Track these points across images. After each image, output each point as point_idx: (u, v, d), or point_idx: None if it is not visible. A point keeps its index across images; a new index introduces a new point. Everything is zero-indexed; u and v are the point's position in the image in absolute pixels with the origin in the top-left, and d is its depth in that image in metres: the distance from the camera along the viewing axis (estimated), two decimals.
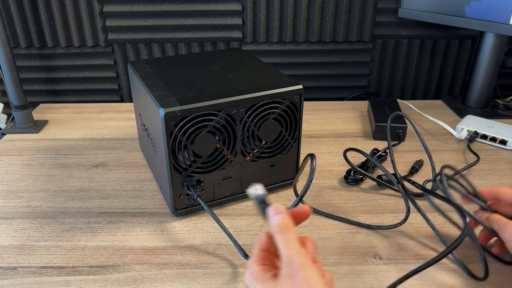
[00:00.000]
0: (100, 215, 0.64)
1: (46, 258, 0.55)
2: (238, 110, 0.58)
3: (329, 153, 0.80)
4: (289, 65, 1.08)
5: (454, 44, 1.06)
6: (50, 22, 1.01)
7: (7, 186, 0.71)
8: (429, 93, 1.13)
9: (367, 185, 0.70)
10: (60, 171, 0.75)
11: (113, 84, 1.09)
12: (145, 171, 0.75)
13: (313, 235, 0.59)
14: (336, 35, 1.04)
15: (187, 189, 0.60)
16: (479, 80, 0.96)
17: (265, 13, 1.00)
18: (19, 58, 1.05)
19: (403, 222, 0.59)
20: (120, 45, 1.04)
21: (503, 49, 0.93)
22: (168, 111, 0.54)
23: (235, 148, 0.61)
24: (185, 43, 1.04)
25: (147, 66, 0.70)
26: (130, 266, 0.54)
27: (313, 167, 0.50)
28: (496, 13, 0.83)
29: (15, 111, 0.89)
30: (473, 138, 0.83)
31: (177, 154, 0.57)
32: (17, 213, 0.64)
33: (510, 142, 0.81)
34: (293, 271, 0.33)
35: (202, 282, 0.52)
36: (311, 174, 0.50)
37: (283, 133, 0.64)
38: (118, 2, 0.99)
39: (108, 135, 0.88)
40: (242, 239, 0.58)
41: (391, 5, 1.01)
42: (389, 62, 1.08)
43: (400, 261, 0.54)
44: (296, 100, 0.62)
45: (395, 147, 0.82)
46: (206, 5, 1.00)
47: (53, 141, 0.86)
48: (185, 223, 0.62)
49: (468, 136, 0.84)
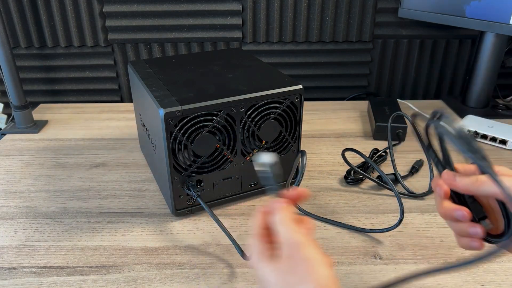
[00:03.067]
0: (100, 215, 0.64)
1: (46, 258, 0.55)
2: (238, 110, 0.58)
3: (329, 153, 0.80)
4: (289, 65, 1.08)
5: (454, 44, 1.06)
6: (50, 22, 1.01)
7: (7, 186, 0.71)
8: (429, 93, 1.13)
9: (367, 185, 0.70)
10: (60, 171, 0.75)
11: (113, 84, 1.09)
12: (145, 171, 0.75)
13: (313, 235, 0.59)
14: (336, 35, 1.04)
15: (187, 189, 0.60)
16: (479, 80, 0.96)
17: (265, 13, 1.00)
18: (19, 58, 1.05)
19: (397, 225, 0.58)
20: (120, 45, 1.04)
21: (503, 49, 0.93)
22: (168, 111, 0.54)
23: (235, 148, 0.61)
24: (185, 43, 1.04)
25: (147, 66, 0.70)
26: (130, 266, 0.54)
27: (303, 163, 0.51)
28: (496, 13, 0.83)
29: (15, 111, 0.89)
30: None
31: (177, 154, 0.57)
32: (17, 213, 0.64)
33: (510, 142, 0.81)
34: (293, 251, 0.32)
35: (202, 282, 0.52)
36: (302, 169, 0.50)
37: (283, 133, 0.64)
38: (118, 2, 0.99)
39: (108, 135, 0.88)
40: (242, 239, 0.58)
41: (391, 5, 1.01)
42: (389, 62, 1.08)
43: (400, 261, 0.54)
44: (296, 100, 0.62)
45: (395, 147, 0.82)
46: (206, 5, 1.00)
47: (53, 141, 0.86)
48: (185, 223, 0.62)
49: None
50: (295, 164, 0.58)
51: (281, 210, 0.36)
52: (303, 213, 0.63)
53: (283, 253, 0.32)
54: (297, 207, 0.64)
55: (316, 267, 0.31)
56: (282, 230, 0.34)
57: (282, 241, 0.33)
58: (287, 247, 0.33)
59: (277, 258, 0.33)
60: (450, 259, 0.55)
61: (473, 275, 0.52)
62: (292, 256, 0.32)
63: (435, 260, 0.55)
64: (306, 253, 0.31)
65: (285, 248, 0.33)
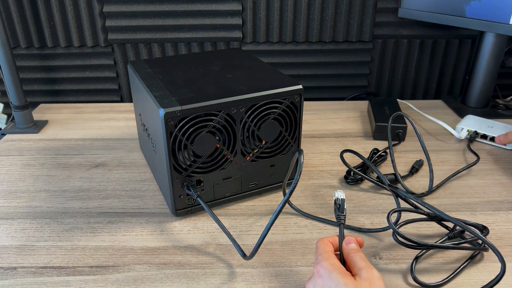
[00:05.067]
0: (100, 215, 0.64)
1: (46, 258, 0.55)
2: (238, 110, 0.58)
3: (329, 153, 0.80)
4: (289, 65, 1.08)
5: (454, 44, 1.06)
6: (50, 22, 1.01)
7: (7, 186, 0.71)
8: (429, 93, 1.13)
9: (367, 185, 0.70)
10: (60, 171, 0.75)
11: (113, 84, 1.09)
12: (145, 171, 0.75)
13: (313, 235, 0.59)
14: (336, 35, 1.04)
15: (187, 189, 0.60)
16: (479, 80, 0.96)
17: (265, 13, 1.00)
18: (19, 58, 1.05)
19: (394, 223, 0.58)
20: (120, 45, 1.04)
21: (503, 49, 0.93)
22: (168, 111, 0.54)
23: (235, 148, 0.61)
24: (185, 43, 1.04)
25: (147, 66, 0.70)
26: (130, 266, 0.54)
27: (300, 162, 0.51)
28: (496, 13, 0.83)
29: (15, 111, 0.89)
30: (473, 138, 0.83)
31: (177, 154, 0.57)
32: (17, 213, 0.64)
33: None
34: (374, 279, 0.42)
35: (202, 282, 0.52)
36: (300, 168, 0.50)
37: (283, 133, 0.64)
38: (118, 2, 0.99)
39: (108, 135, 0.88)
40: (242, 239, 0.58)
41: (391, 5, 1.01)
42: (389, 62, 1.08)
43: (400, 261, 0.54)
44: (296, 100, 0.62)
45: (395, 147, 0.82)
46: (206, 5, 1.00)
47: (53, 141, 0.86)
48: (185, 223, 0.62)
49: (468, 136, 0.84)
50: (292, 163, 0.58)
51: (359, 251, 0.46)
52: (303, 213, 0.63)
53: (362, 276, 0.43)
54: (293, 207, 0.64)
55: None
56: (363, 263, 0.44)
57: (362, 268, 0.44)
58: (366, 273, 0.43)
59: (356, 277, 0.43)
60: (449, 258, 0.55)
61: None
62: (373, 281, 0.42)
63: (435, 259, 0.55)
64: (381, 283, 0.43)
65: (364, 273, 0.43)
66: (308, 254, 0.56)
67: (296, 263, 0.54)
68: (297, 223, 0.62)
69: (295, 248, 0.57)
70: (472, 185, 0.70)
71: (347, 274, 0.43)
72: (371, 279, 0.42)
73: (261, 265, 0.54)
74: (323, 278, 0.43)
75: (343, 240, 0.48)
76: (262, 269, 0.53)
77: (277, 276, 0.52)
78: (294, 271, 0.53)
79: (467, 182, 0.71)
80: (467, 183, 0.71)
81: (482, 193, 0.68)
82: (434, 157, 0.78)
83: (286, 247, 0.57)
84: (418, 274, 0.52)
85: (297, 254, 0.56)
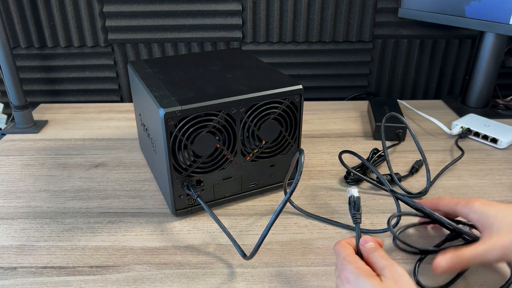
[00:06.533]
0: (100, 215, 0.64)
1: (46, 258, 0.55)
2: (238, 110, 0.58)
3: (329, 153, 0.80)
4: (289, 65, 1.08)
5: (454, 44, 1.06)
6: (50, 22, 1.01)
7: (7, 186, 0.71)
8: (429, 93, 1.13)
9: (368, 185, 0.70)
10: (60, 171, 0.75)
11: (113, 84, 1.09)
12: (145, 171, 0.75)
13: (313, 235, 0.59)
14: (336, 35, 1.04)
15: (187, 189, 0.60)
16: (479, 80, 0.96)
17: (265, 13, 1.00)
18: (19, 58, 1.05)
19: (394, 226, 0.58)
20: (120, 45, 1.04)
21: (503, 49, 0.93)
22: (168, 111, 0.54)
23: (235, 148, 0.61)
24: (185, 43, 1.04)
25: (147, 66, 0.70)
26: (130, 266, 0.54)
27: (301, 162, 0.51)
28: (496, 13, 0.83)
29: (15, 111, 0.89)
30: (465, 135, 0.84)
31: (177, 154, 0.57)
32: (17, 213, 0.64)
33: (500, 140, 0.81)
34: (398, 276, 0.41)
35: (202, 282, 0.52)
36: (300, 168, 0.50)
37: (283, 133, 0.64)
38: (118, 2, 0.99)
39: (108, 135, 0.88)
40: (242, 239, 0.58)
41: (391, 5, 1.01)
42: (389, 62, 1.08)
43: (400, 261, 0.54)
44: (296, 100, 0.62)
45: (396, 147, 0.82)
46: (206, 5, 1.00)
47: (53, 141, 0.86)
48: (185, 223, 0.62)
49: (460, 132, 0.84)
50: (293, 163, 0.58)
51: (378, 249, 0.46)
52: (304, 212, 0.63)
53: (386, 275, 0.42)
54: (294, 206, 0.64)
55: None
56: (385, 262, 0.43)
57: (385, 267, 0.43)
58: (389, 272, 0.42)
59: (381, 277, 0.42)
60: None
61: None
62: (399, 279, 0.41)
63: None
64: (407, 279, 0.42)
65: (387, 272, 0.42)
66: (308, 254, 0.56)
67: (296, 263, 0.54)
68: (297, 223, 0.62)
69: (295, 248, 0.57)
70: (472, 185, 0.70)
71: (373, 275, 0.42)
72: (395, 277, 0.41)
73: (261, 265, 0.54)
74: (351, 284, 0.42)
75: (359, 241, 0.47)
76: (262, 269, 0.53)
77: (277, 276, 0.52)
78: (294, 271, 0.53)
79: (467, 182, 0.71)
80: (467, 183, 0.71)
81: (482, 193, 0.68)
82: (434, 157, 0.78)
83: (286, 247, 0.57)
84: (420, 276, 0.51)
85: (297, 254, 0.56)
